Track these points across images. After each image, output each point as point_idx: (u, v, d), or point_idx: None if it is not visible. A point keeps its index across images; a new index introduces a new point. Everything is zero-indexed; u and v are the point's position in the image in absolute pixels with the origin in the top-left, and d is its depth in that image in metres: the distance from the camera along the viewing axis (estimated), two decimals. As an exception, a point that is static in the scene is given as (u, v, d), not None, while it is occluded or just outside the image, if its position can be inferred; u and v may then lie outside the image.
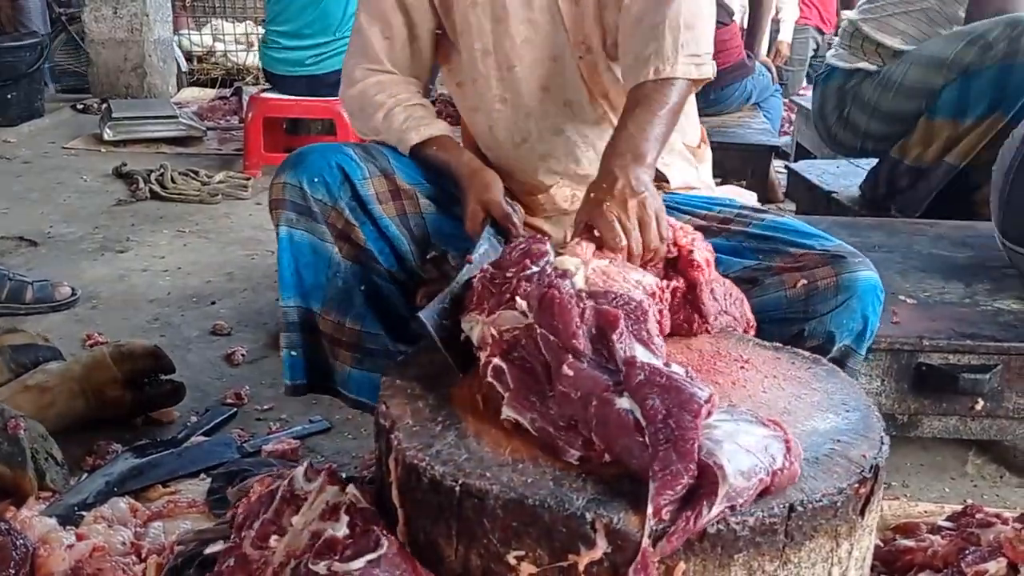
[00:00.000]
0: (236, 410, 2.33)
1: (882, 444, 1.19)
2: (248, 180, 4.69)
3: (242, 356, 2.65)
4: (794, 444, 1.08)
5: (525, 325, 1.19)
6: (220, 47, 8.19)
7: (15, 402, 2.02)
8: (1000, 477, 2.15)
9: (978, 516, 1.61)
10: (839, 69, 3.36)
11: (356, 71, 1.82)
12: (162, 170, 4.62)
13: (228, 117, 6.49)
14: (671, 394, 1.06)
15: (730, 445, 1.05)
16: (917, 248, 2.56)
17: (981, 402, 2.00)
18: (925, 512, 1.84)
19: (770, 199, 4.28)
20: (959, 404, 2.02)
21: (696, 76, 1.52)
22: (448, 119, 2.01)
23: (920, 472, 2.14)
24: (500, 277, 1.27)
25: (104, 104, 6.11)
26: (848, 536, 1.12)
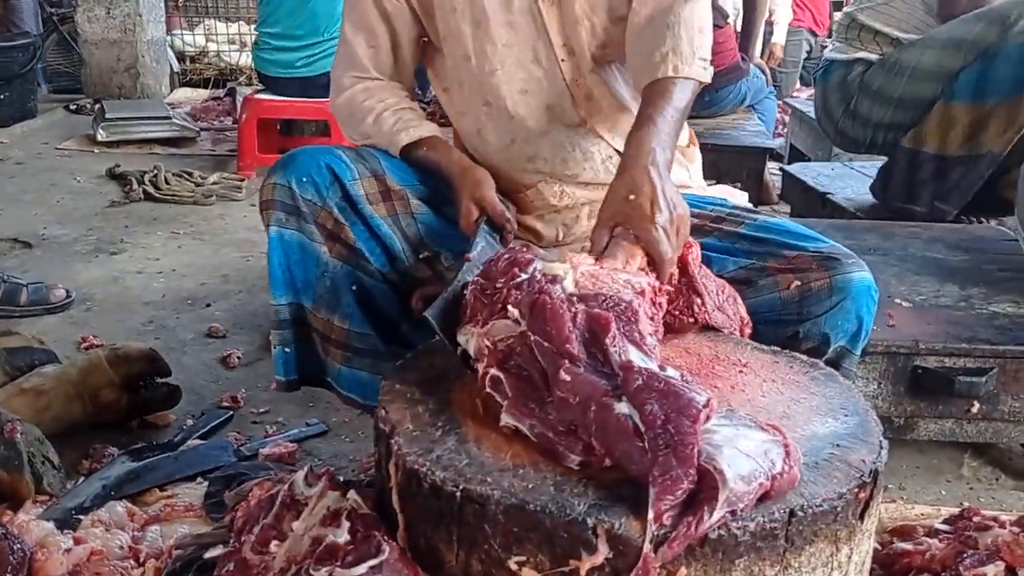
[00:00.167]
0: (232, 413, 2.32)
1: (881, 448, 1.20)
2: (242, 181, 4.69)
3: (238, 359, 2.64)
4: (793, 449, 1.09)
5: (519, 333, 1.19)
6: (213, 47, 8.18)
7: (11, 405, 2.02)
8: (996, 480, 2.16)
9: (975, 519, 1.61)
10: (837, 62, 3.31)
11: (344, 79, 1.84)
12: (156, 171, 4.61)
13: (221, 118, 6.48)
14: (669, 399, 1.06)
15: (730, 450, 1.05)
16: (912, 251, 2.56)
17: (977, 405, 2.01)
18: (922, 515, 1.84)
19: (764, 201, 4.29)
20: (955, 407, 2.03)
21: (704, 79, 1.56)
22: (441, 119, 2.02)
23: (916, 475, 2.15)
24: (490, 288, 1.27)
25: (97, 105, 6.09)
26: (848, 540, 1.12)
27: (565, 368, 1.13)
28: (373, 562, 1.08)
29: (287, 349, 1.74)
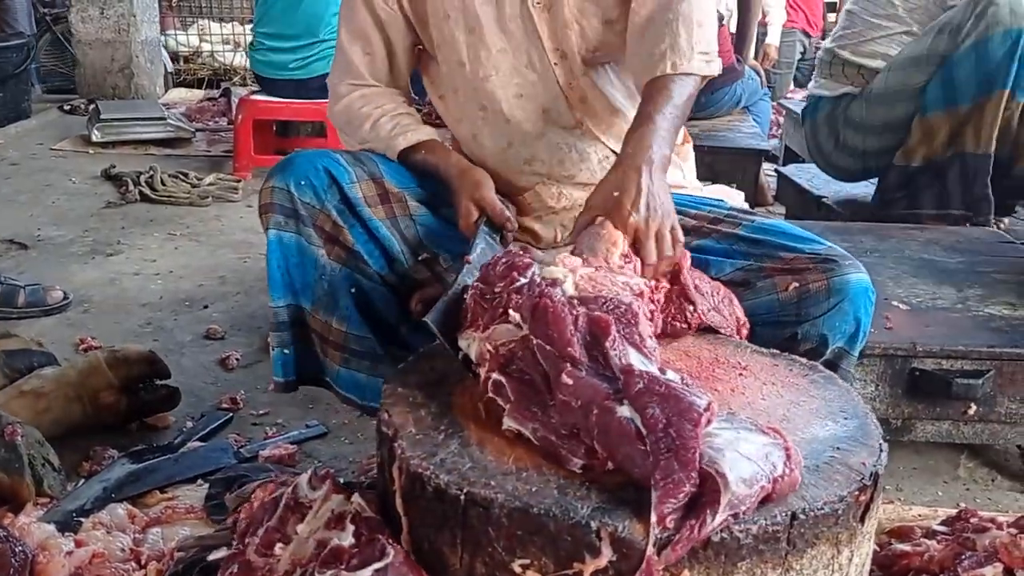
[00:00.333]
0: (232, 415, 2.32)
1: (881, 451, 1.21)
2: (238, 182, 4.68)
3: (236, 360, 2.64)
4: (794, 452, 1.09)
5: (520, 337, 1.20)
6: (206, 47, 8.16)
7: (10, 408, 2.01)
8: (992, 480, 2.17)
9: (973, 520, 1.62)
10: (825, 98, 3.38)
11: (340, 87, 1.86)
12: (151, 172, 4.59)
13: (216, 118, 6.47)
14: (670, 403, 1.07)
15: (731, 453, 1.06)
16: (908, 253, 2.57)
17: (974, 407, 2.02)
18: (919, 516, 1.85)
19: (760, 202, 4.30)
20: (952, 409, 2.04)
21: (707, 72, 1.58)
22: (436, 120, 2.02)
23: (913, 476, 2.16)
24: (490, 292, 1.28)
25: (92, 105, 6.08)
26: (849, 543, 1.13)
27: (567, 372, 1.13)
28: (378, 565, 1.08)
29: (286, 350, 1.75)
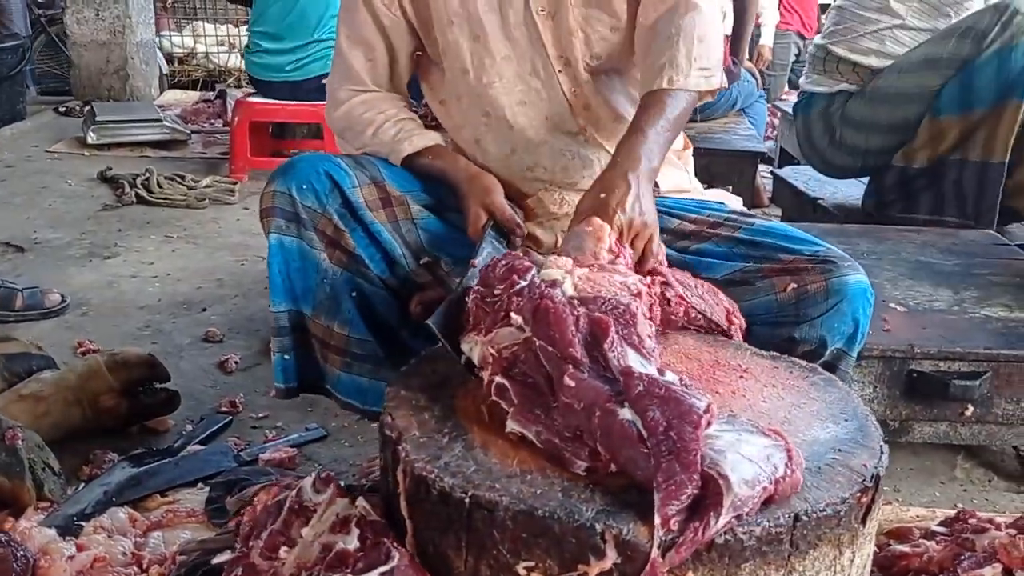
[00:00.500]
0: (231, 418, 2.32)
1: (881, 453, 1.22)
2: (235, 185, 4.67)
3: (235, 363, 2.64)
4: (796, 453, 1.10)
5: (523, 339, 1.20)
6: (201, 49, 8.15)
7: (10, 412, 2.01)
8: (988, 481, 2.18)
9: (971, 521, 1.63)
10: (818, 94, 3.36)
11: (340, 92, 1.85)
12: (148, 174, 4.58)
13: (212, 120, 6.47)
14: (670, 405, 1.07)
15: (733, 455, 1.06)
16: (905, 255, 2.58)
17: (971, 408, 2.03)
18: (917, 516, 1.86)
19: (756, 204, 4.31)
20: (949, 410, 2.05)
21: (705, 88, 1.60)
22: (431, 122, 2.03)
23: (910, 477, 2.17)
24: (490, 295, 1.28)
25: (87, 107, 6.07)
26: (850, 544, 1.14)
27: (569, 374, 1.14)
28: (383, 568, 1.08)
29: (286, 356, 1.75)
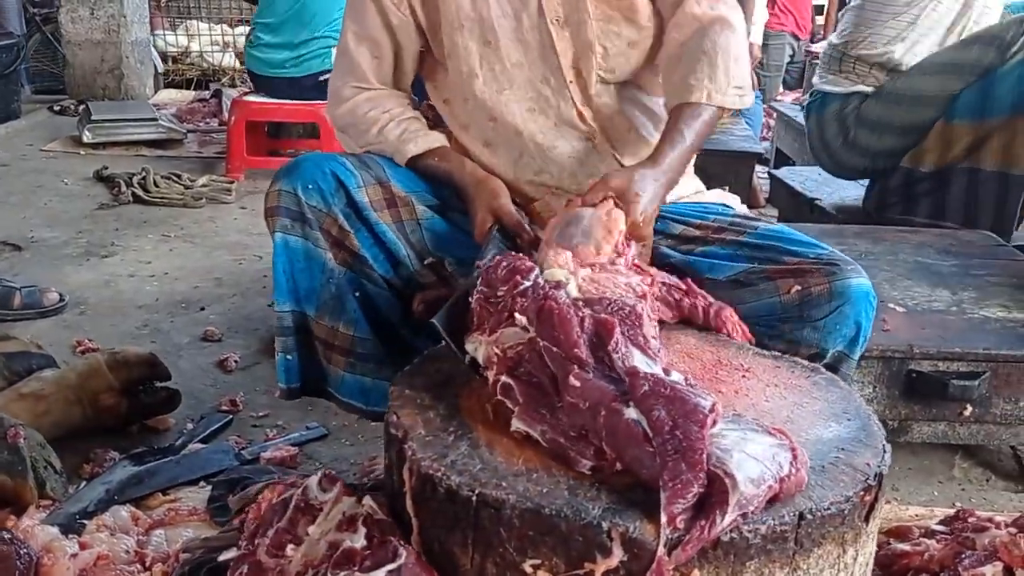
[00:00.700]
0: (232, 417, 2.32)
1: (884, 452, 1.22)
2: (231, 184, 4.66)
3: (235, 362, 2.64)
4: (800, 452, 1.11)
5: (527, 340, 1.21)
6: (195, 48, 8.14)
7: (10, 410, 2.00)
8: (986, 480, 2.20)
9: (971, 520, 1.64)
10: (832, 94, 3.34)
11: (344, 90, 1.84)
12: (144, 173, 4.58)
13: (207, 119, 6.46)
14: (676, 405, 1.08)
15: (738, 454, 1.07)
16: (903, 256, 2.59)
17: (969, 408, 2.04)
18: (916, 515, 1.87)
19: (752, 205, 4.33)
20: (948, 410, 2.06)
21: (739, 106, 1.67)
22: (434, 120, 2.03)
23: (909, 476, 2.18)
24: (494, 296, 1.29)
25: (82, 106, 6.05)
26: (854, 542, 1.15)
27: (574, 373, 1.15)
28: (391, 567, 1.09)
29: (289, 356, 1.74)
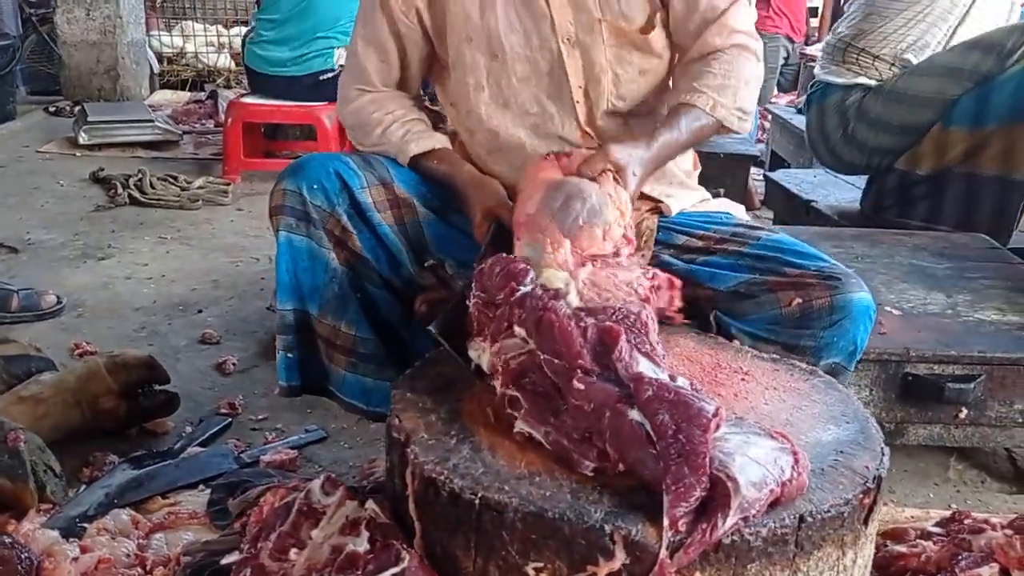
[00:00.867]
0: (231, 420, 2.32)
1: (883, 455, 1.24)
2: (228, 185, 4.65)
3: (233, 365, 2.63)
4: (802, 456, 1.12)
5: (528, 351, 1.22)
6: (190, 48, 8.13)
7: (9, 414, 2.00)
8: (981, 482, 2.21)
9: (967, 522, 1.66)
10: (834, 85, 3.32)
11: (351, 91, 1.87)
12: (140, 175, 4.55)
13: (203, 121, 6.44)
14: (679, 409, 1.09)
15: (741, 457, 1.08)
16: (899, 259, 2.60)
17: (965, 411, 2.05)
18: (912, 517, 1.88)
19: (748, 207, 4.31)
20: (944, 413, 2.07)
21: (735, 128, 1.68)
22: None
23: (904, 478, 2.19)
24: (491, 301, 1.29)
25: (77, 107, 6.03)
26: (853, 545, 1.16)
27: (579, 377, 1.15)
28: (394, 570, 1.10)
29: (290, 354, 1.75)
